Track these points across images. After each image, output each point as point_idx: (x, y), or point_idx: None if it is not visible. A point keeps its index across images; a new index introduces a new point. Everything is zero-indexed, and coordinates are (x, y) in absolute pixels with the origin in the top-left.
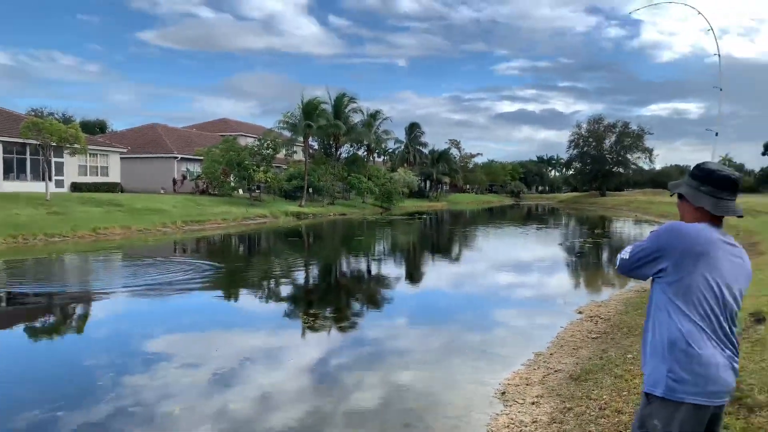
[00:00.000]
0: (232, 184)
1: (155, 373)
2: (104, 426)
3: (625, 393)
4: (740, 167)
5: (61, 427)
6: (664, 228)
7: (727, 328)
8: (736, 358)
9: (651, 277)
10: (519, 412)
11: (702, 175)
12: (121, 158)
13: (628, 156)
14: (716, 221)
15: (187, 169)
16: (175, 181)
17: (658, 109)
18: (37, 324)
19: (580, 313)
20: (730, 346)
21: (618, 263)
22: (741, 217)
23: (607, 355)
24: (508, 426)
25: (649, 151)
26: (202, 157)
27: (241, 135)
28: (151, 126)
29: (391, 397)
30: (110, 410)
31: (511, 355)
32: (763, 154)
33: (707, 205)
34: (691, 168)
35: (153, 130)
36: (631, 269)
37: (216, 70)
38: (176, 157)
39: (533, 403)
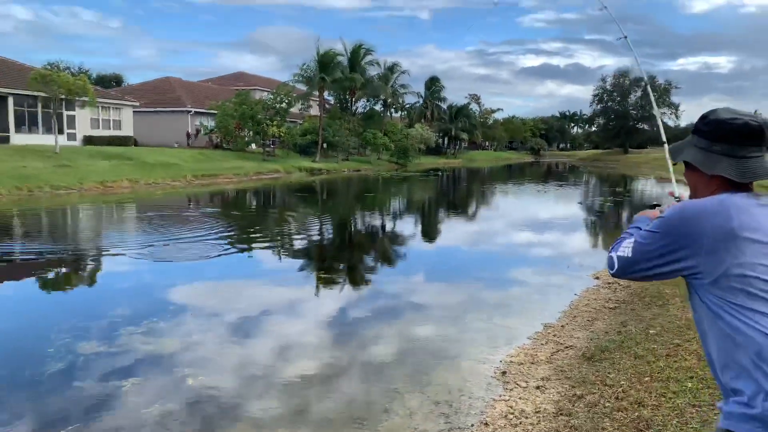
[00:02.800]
0: (246, 138)
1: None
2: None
3: (647, 379)
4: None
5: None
6: (673, 214)
7: None
8: None
9: (683, 277)
10: (520, 398)
11: (710, 129)
12: (134, 112)
13: (653, 112)
14: (742, 188)
15: (200, 123)
16: (188, 135)
17: (687, 63)
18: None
19: (597, 278)
20: None
21: (615, 264)
22: None
23: (627, 330)
24: (505, 416)
25: (675, 107)
26: (216, 111)
27: (257, 89)
28: (165, 79)
29: (376, 375)
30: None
31: (518, 327)
32: None
33: (727, 171)
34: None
35: (167, 84)
36: (635, 271)
37: (237, 24)
38: (189, 111)
39: (538, 388)
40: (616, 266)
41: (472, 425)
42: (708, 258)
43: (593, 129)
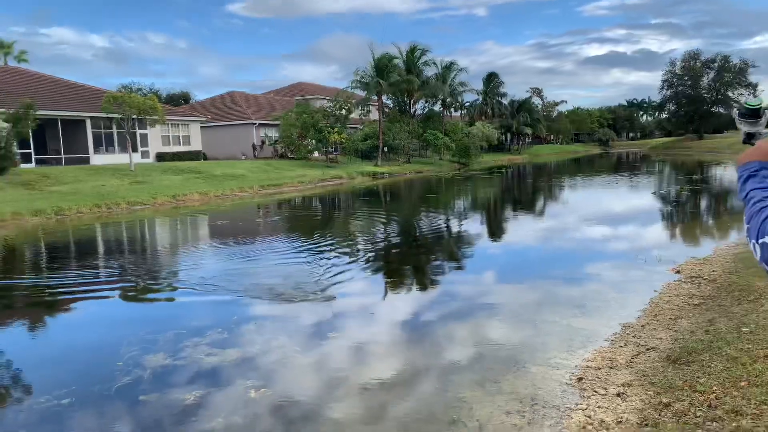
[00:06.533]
0: (309, 147)
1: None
2: None
3: (743, 384)
4: None
5: None
6: None
7: None
8: None
9: None
10: (599, 406)
11: None
12: (202, 127)
13: (729, 93)
14: None
15: (265, 134)
16: (254, 147)
17: (764, 40)
18: None
19: (677, 272)
20: None
21: (765, 257)
22: None
23: (715, 328)
24: (584, 427)
25: (753, 87)
26: (279, 122)
27: (317, 98)
28: (230, 94)
29: (443, 383)
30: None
31: (594, 328)
32: None
33: None
34: None
35: (231, 98)
36: None
37: (297, 36)
38: (254, 123)
39: (618, 395)
40: None
41: None
42: None
43: (664, 116)
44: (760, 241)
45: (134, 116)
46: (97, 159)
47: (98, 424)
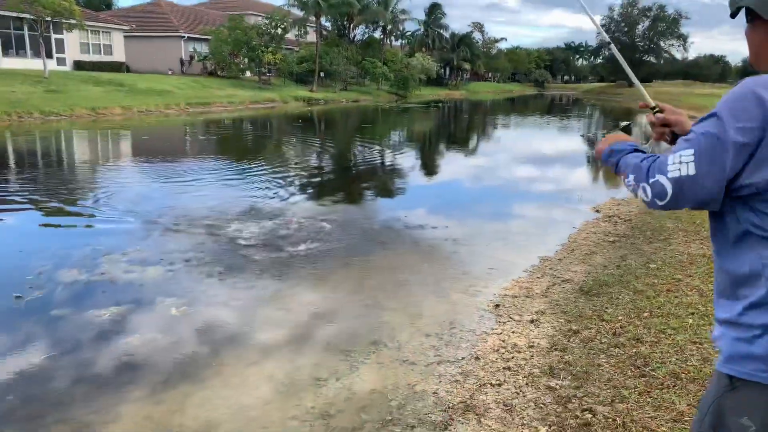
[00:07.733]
0: (241, 66)
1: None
2: None
3: (646, 314)
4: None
5: None
6: (733, 99)
7: None
8: None
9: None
10: (513, 332)
11: None
12: (125, 37)
13: (661, 43)
14: None
15: (194, 49)
16: (182, 62)
17: None
18: None
19: (597, 211)
20: None
21: (668, 190)
22: None
23: (626, 264)
24: (497, 350)
25: (683, 38)
26: (209, 37)
27: (252, 14)
28: (156, 3)
29: (365, 307)
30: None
31: (514, 260)
32: None
33: None
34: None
35: (158, 7)
36: (702, 189)
37: None
38: (182, 37)
39: (532, 322)
40: (669, 192)
41: (463, 359)
42: None
43: (599, 61)
44: (651, 180)
45: (48, 18)
46: (6, 62)
47: (7, 339)
